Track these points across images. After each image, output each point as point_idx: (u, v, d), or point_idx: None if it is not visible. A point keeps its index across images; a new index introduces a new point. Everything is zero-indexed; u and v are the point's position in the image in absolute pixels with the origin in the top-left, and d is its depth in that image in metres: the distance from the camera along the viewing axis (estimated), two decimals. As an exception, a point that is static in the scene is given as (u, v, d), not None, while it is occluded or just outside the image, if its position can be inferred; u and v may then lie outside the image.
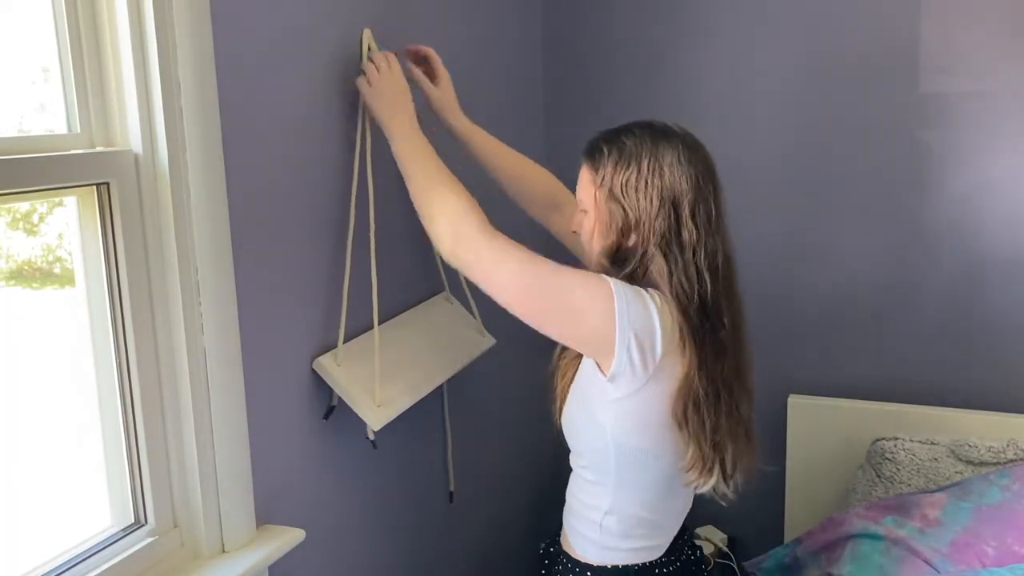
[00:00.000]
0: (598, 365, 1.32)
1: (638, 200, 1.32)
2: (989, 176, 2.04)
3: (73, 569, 1.15)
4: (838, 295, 2.20)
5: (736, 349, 1.37)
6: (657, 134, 1.37)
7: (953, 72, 2.03)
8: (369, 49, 1.52)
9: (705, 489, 1.39)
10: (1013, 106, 1.99)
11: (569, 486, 1.49)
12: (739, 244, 1.51)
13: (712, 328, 1.31)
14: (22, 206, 1.18)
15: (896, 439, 1.99)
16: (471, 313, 1.85)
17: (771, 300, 2.24)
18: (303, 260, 1.44)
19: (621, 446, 1.35)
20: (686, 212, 1.31)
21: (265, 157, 1.35)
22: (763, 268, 2.22)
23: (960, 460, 1.92)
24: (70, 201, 1.16)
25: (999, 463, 1.88)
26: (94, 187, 1.15)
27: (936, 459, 1.94)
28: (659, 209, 1.31)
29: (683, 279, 1.31)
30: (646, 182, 1.32)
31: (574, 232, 1.46)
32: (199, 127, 1.20)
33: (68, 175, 1.10)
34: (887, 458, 1.97)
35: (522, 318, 1.33)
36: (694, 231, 1.31)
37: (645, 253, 1.33)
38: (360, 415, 1.47)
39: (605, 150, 1.37)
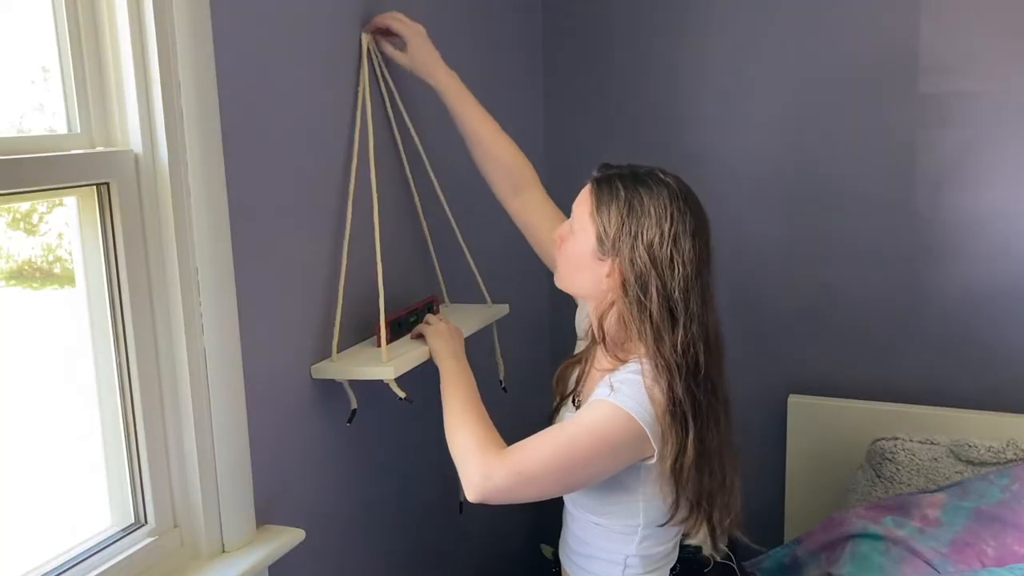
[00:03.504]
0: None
1: (642, 258, 1.32)
2: (990, 176, 2.04)
3: (73, 569, 1.15)
4: (838, 295, 2.20)
5: (726, 422, 1.38)
6: (674, 195, 1.34)
7: (953, 72, 2.03)
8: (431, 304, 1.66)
9: (692, 542, 1.42)
10: (1013, 106, 1.99)
11: (574, 531, 1.50)
12: (740, 245, 1.52)
13: (704, 397, 1.32)
14: (22, 206, 1.18)
15: (896, 439, 1.99)
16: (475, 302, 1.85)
17: (771, 300, 2.24)
18: (303, 260, 1.44)
19: (651, 500, 1.38)
20: (692, 283, 1.31)
21: (265, 157, 1.35)
22: (763, 268, 2.22)
23: (960, 460, 1.92)
24: (70, 201, 1.16)
25: (999, 463, 1.88)
26: (94, 187, 1.15)
27: (936, 459, 1.94)
28: (665, 273, 1.31)
29: (680, 349, 1.30)
30: (653, 242, 1.31)
31: (555, 240, 1.46)
32: (199, 127, 1.20)
33: (68, 175, 1.10)
34: (887, 458, 1.97)
35: (566, 493, 1.41)
36: (695, 303, 1.31)
37: (645, 314, 1.32)
38: (370, 377, 1.45)
39: (621, 191, 1.35)
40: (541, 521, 2.41)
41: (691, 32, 2.22)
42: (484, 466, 1.32)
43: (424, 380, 1.56)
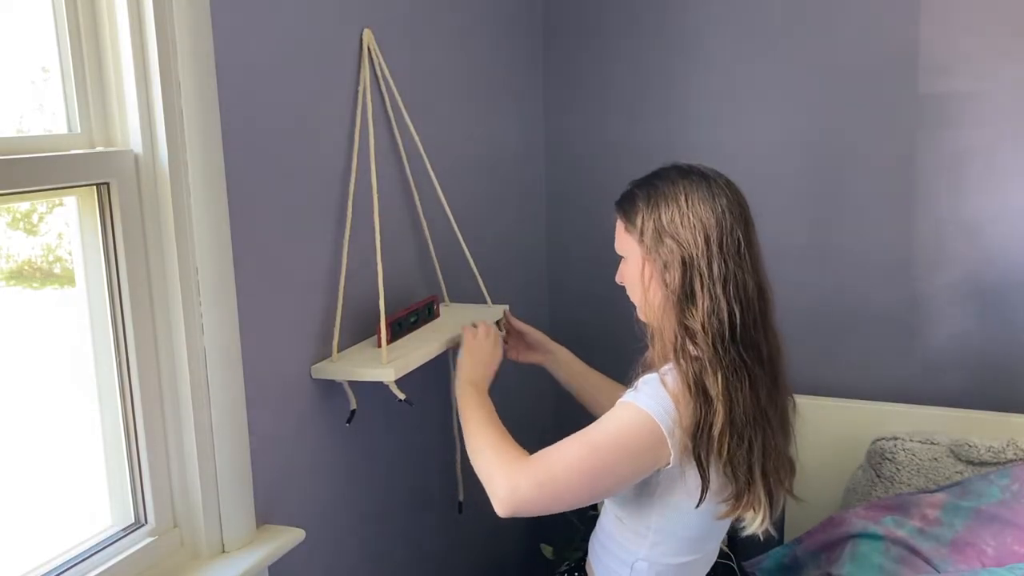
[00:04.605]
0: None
1: (670, 238, 1.33)
2: (990, 177, 2.04)
3: (73, 569, 1.15)
4: (839, 295, 2.20)
5: (773, 384, 1.36)
6: (682, 172, 1.38)
7: (953, 72, 2.03)
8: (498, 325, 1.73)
9: (753, 529, 1.36)
10: (1013, 106, 1.99)
11: (602, 519, 1.51)
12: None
13: (743, 361, 1.30)
14: (22, 206, 1.18)
15: (896, 439, 1.99)
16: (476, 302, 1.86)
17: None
18: (303, 259, 1.44)
19: (666, 504, 1.37)
20: (714, 245, 1.31)
21: (265, 157, 1.35)
22: (763, 268, 2.22)
23: (960, 460, 1.92)
24: (70, 201, 1.16)
25: (999, 463, 1.88)
26: (94, 187, 1.15)
27: (936, 459, 1.94)
28: (690, 243, 1.32)
29: (711, 311, 1.30)
30: (673, 218, 1.33)
31: (620, 284, 1.47)
32: (199, 127, 1.20)
33: (68, 175, 1.10)
34: (887, 458, 1.97)
35: (593, 501, 1.34)
36: (722, 263, 1.30)
37: (673, 284, 1.33)
38: (371, 379, 1.45)
39: (636, 194, 1.40)
40: (541, 521, 2.40)
41: (691, 33, 2.22)
42: (509, 479, 1.31)
43: (424, 381, 1.56)
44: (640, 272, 1.38)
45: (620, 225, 1.43)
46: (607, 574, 1.48)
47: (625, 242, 1.42)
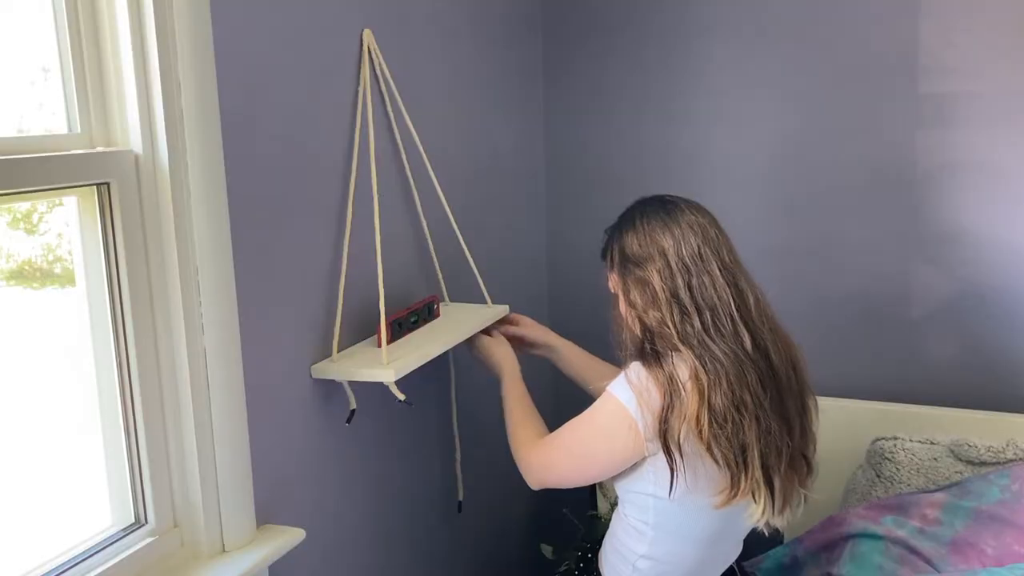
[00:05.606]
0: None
1: (631, 257, 1.42)
2: (989, 176, 2.04)
3: (73, 569, 1.15)
4: (838, 295, 2.20)
5: (769, 373, 1.38)
6: (642, 203, 1.47)
7: (953, 72, 2.03)
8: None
9: (755, 521, 1.39)
10: (1013, 106, 1.99)
11: (614, 515, 1.54)
12: (738, 245, 1.52)
13: (723, 351, 1.34)
14: (22, 206, 1.18)
15: (896, 439, 1.99)
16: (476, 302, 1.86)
17: (770, 301, 2.24)
18: (303, 260, 1.44)
19: (660, 498, 1.38)
20: (671, 256, 1.39)
21: (265, 157, 1.35)
22: (761, 269, 2.22)
23: (960, 460, 1.92)
24: (70, 201, 1.16)
25: (999, 463, 1.88)
26: (94, 187, 1.15)
27: (936, 459, 1.94)
28: (646, 257, 1.40)
29: (677, 311, 1.37)
30: (632, 240, 1.43)
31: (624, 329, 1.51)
32: (199, 127, 1.20)
33: (68, 175, 1.10)
34: (887, 458, 1.97)
35: (591, 481, 1.50)
36: (682, 269, 1.38)
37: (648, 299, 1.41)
38: (371, 379, 1.46)
39: (607, 235, 1.50)
40: (541, 521, 2.41)
41: (691, 34, 2.22)
42: (524, 460, 1.52)
43: (424, 381, 1.56)
44: (619, 295, 1.46)
45: (605, 267, 1.51)
46: (612, 572, 1.49)
47: (609, 278, 1.49)
